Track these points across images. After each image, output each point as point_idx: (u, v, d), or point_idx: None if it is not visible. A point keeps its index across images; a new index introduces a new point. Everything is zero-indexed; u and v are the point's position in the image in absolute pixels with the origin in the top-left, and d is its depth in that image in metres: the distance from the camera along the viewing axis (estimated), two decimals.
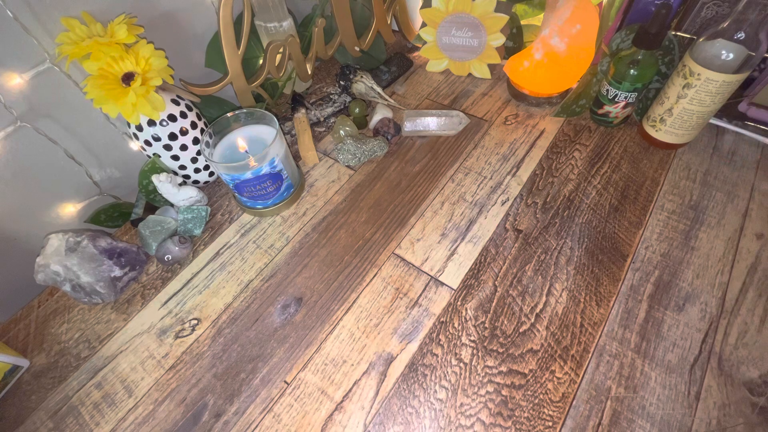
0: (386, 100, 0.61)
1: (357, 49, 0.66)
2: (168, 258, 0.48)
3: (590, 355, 0.38)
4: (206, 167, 0.54)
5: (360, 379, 0.39)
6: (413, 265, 0.46)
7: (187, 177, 0.53)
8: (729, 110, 0.52)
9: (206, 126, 0.53)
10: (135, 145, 0.52)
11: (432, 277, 0.45)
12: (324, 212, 0.52)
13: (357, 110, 0.59)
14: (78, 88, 0.45)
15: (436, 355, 0.40)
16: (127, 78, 0.42)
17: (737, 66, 0.40)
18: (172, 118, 0.48)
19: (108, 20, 0.42)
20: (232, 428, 0.38)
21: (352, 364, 0.40)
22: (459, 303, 0.43)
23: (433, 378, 0.38)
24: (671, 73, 0.47)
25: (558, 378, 0.37)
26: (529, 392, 0.37)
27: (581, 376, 0.37)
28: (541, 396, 0.36)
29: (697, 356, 0.37)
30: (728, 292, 0.40)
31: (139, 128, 0.47)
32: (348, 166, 0.57)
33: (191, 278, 0.48)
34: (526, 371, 0.38)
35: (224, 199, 0.56)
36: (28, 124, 0.43)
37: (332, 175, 0.56)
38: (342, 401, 0.38)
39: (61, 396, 0.42)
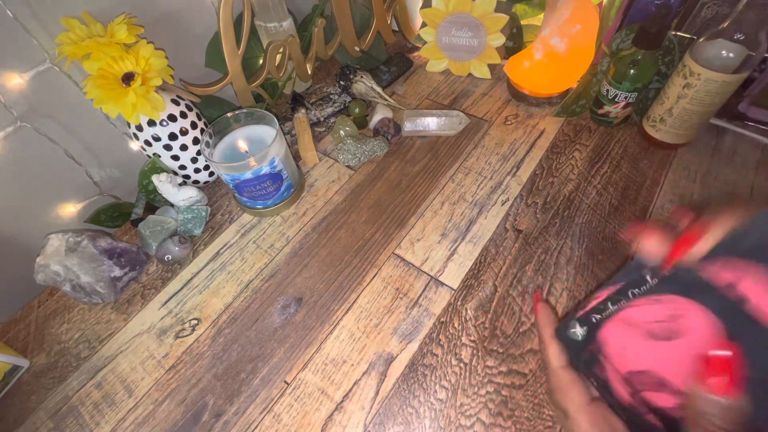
0: (386, 100, 0.61)
1: (357, 49, 0.66)
2: (168, 258, 0.48)
3: None
4: (206, 167, 0.54)
5: (360, 379, 0.39)
6: (413, 265, 0.46)
7: (187, 177, 0.53)
8: (729, 110, 0.52)
9: (206, 126, 0.53)
10: (135, 145, 0.52)
11: (432, 277, 0.45)
12: (324, 212, 0.52)
13: (357, 110, 0.59)
14: (78, 88, 0.45)
15: (436, 355, 0.40)
16: (127, 78, 0.42)
17: (737, 66, 0.40)
18: (172, 118, 0.48)
19: (108, 20, 0.42)
20: (232, 428, 0.38)
21: (352, 364, 0.40)
22: (459, 303, 0.43)
23: (433, 378, 0.38)
24: (671, 73, 0.47)
25: None
26: (529, 392, 0.37)
27: None
28: (541, 396, 0.36)
29: None
30: None
31: (139, 128, 0.47)
32: (348, 166, 0.57)
33: (191, 278, 0.48)
34: (526, 371, 0.38)
35: (224, 199, 0.56)
36: (28, 124, 0.43)
37: (332, 175, 0.56)
38: (342, 401, 0.38)
39: (61, 396, 0.42)
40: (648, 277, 0.24)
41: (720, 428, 0.19)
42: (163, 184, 0.49)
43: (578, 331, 0.26)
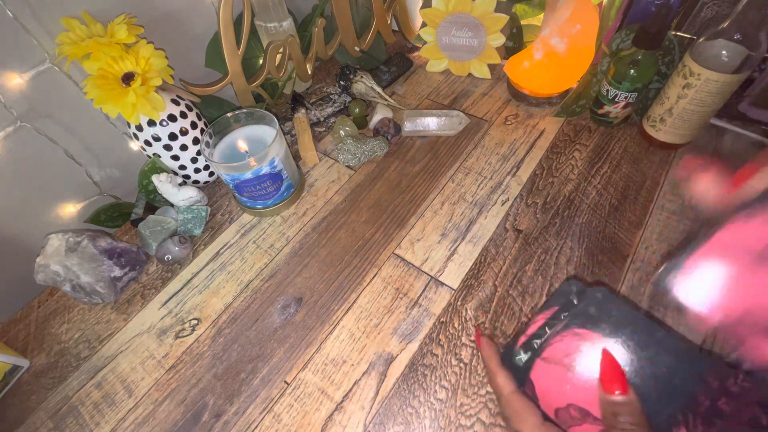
0: (386, 100, 0.61)
1: (357, 49, 0.66)
2: (168, 258, 0.48)
3: None
4: (206, 167, 0.54)
5: (360, 379, 0.39)
6: (413, 265, 0.46)
7: (187, 177, 0.53)
8: (729, 110, 0.52)
9: (206, 126, 0.53)
10: (135, 145, 0.52)
11: (432, 277, 0.45)
12: (324, 212, 0.52)
13: (357, 110, 0.59)
14: (78, 88, 0.45)
15: (436, 355, 0.40)
16: (127, 78, 0.42)
17: (737, 66, 0.40)
18: (172, 118, 0.48)
19: (108, 20, 0.42)
20: (232, 428, 0.38)
21: (352, 364, 0.40)
22: (459, 303, 0.43)
23: (433, 378, 0.38)
24: (671, 73, 0.47)
25: None
26: None
27: None
28: None
29: None
30: None
31: (139, 128, 0.47)
32: (348, 166, 0.57)
33: (191, 278, 0.48)
34: None
35: (224, 199, 0.56)
36: (28, 124, 0.43)
37: (332, 175, 0.56)
38: (342, 401, 0.38)
39: (61, 396, 0.42)
40: (575, 301, 0.26)
41: (632, 425, 0.21)
42: (163, 184, 0.49)
43: (522, 358, 0.28)
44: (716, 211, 0.23)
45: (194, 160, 0.52)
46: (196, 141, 0.51)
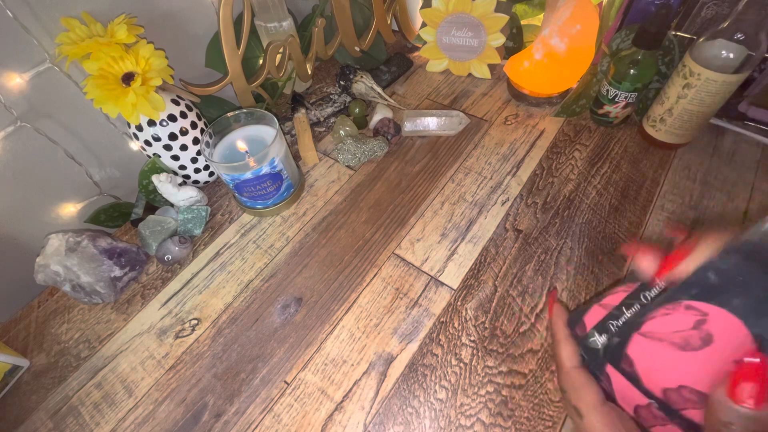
0: (386, 100, 0.61)
1: (357, 49, 0.66)
2: (168, 258, 0.48)
3: None
4: (206, 167, 0.54)
5: (360, 379, 0.39)
6: (413, 265, 0.46)
7: (187, 177, 0.53)
8: (729, 110, 0.52)
9: (206, 126, 0.53)
10: (135, 145, 0.52)
11: (432, 277, 0.45)
12: (324, 212, 0.52)
13: (357, 110, 0.59)
14: (78, 88, 0.45)
15: (436, 355, 0.40)
16: (127, 78, 0.42)
17: (737, 66, 0.40)
18: (172, 118, 0.48)
19: (108, 20, 0.42)
20: (232, 428, 0.38)
21: (352, 364, 0.40)
22: (459, 303, 0.43)
23: (433, 378, 0.38)
24: (671, 73, 0.47)
25: None
26: (529, 392, 0.37)
27: None
28: (541, 396, 0.36)
29: None
30: None
31: (139, 128, 0.47)
32: (348, 166, 0.57)
33: (191, 278, 0.48)
34: (526, 371, 0.38)
35: (224, 199, 0.56)
36: (28, 124, 0.43)
37: (332, 175, 0.56)
38: (342, 401, 0.38)
39: (61, 396, 0.42)
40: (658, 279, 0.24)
41: None
42: (163, 184, 0.49)
43: (598, 340, 0.26)
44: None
45: (194, 160, 0.52)
46: (196, 141, 0.51)
